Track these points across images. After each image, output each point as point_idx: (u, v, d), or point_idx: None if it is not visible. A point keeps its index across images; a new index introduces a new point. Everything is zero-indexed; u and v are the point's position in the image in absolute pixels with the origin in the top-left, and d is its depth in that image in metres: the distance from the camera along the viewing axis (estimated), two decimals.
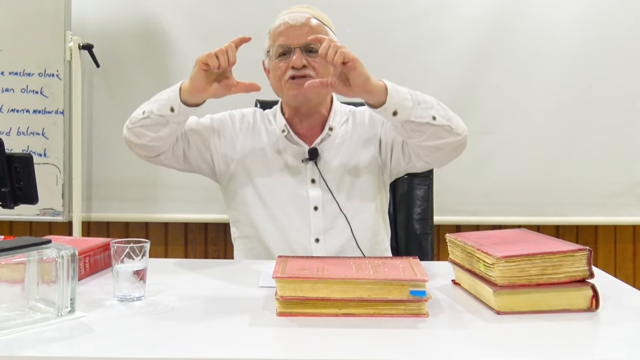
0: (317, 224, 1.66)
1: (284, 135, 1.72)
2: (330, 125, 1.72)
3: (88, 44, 2.54)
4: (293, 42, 1.64)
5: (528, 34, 2.71)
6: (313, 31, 1.63)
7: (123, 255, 1.17)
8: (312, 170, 1.69)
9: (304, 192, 1.68)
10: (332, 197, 1.66)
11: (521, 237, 1.26)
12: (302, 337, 1.01)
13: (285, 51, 1.65)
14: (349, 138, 1.73)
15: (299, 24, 1.65)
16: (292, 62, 1.63)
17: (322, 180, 1.68)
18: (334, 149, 1.71)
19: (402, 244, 2.00)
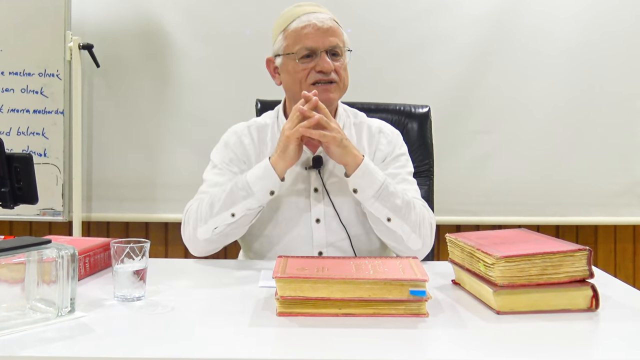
0: (319, 237, 1.62)
1: None
2: None
3: (88, 44, 2.54)
4: (320, 45, 1.59)
5: (529, 33, 2.71)
6: (336, 34, 1.62)
7: (123, 255, 1.17)
8: (316, 179, 1.65)
9: (306, 202, 1.63)
10: (333, 209, 1.62)
11: (521, 237, 1.26)
12: (302, 337, 1.01)
13: (310, 53, 1.60)
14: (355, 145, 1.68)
15: (326, 26, 1.60)
16: (319, 66, 1.59)
17: (325, 191, 1.63)
18: None
19: None
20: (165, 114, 2.73)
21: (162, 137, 2.74)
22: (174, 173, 2.74)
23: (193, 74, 2.71)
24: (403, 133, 1.80)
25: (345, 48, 1.65)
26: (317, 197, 1.64)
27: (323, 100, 1.59)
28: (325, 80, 1.60)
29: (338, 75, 1.62)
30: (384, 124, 1.77)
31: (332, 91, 1.61)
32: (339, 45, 1.62)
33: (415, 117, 2.04)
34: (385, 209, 1.52)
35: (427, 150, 2.01)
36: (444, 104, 2.67)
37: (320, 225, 1.62)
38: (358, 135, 1.72)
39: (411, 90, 2.66)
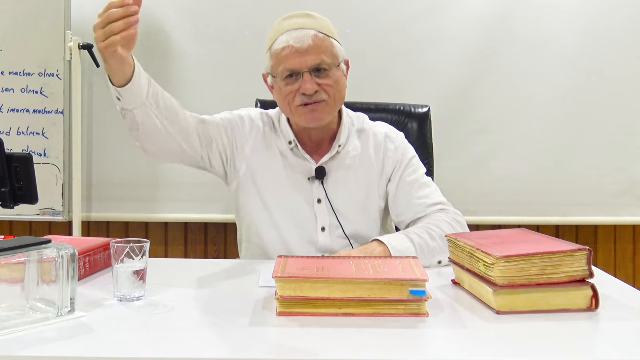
0: (325, 244, 1.62)
1: (290, 148, 1.66)
2: (339, 143, 1.65)
3: (88, 44, 2.54)
4: (301, 67, 1.54)
5: (529, 33, 2.71)
6: (319, 50, 1.54)
7: (123, 255, 1.17)
8: (319, 189, 1.64)
9: (310, 212, 1.63)
10: (337, 220, 1.62)
11: (521, 237, 1.26)
12: (302, 337, 1.01)
13: (292, 74, 1.56)
14: (359, 157, 1.67)
15: (305, 46, 1.53)
16: (302, 89, 1.54)
17: (328, 202, 1.63)
18: (343, 168, 1.65)
19: None
20: None
21: None
22: (173, 173, 2.74)
23: (193, 74, 2.71)
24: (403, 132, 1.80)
25: (334, 62, 1.58)
26: (321, 207, 1.64)
27: (311, 121, 1.58)
28: (311, 102, 1.56)
29: (327, 93, 1.57)
30: (388, 128, 1.75)
31: (319, 111, 1.57)
32: (323, 62, 1.55)
33: (416, 117, 2.04)
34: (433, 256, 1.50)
35: (427, 151, 2.01)
36: (444, 104, 2.67)
37: (325, 234, 1.63)
38: (364, 145, 1.69)
39: (411, 90, 2.66)
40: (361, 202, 1.65)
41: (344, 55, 1.63)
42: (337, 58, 1.59)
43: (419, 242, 1.49)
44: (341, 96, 1.62)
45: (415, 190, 1.65)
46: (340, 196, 1.64)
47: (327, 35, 1.59)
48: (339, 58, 1.60)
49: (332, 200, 1.63)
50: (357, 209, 1.65)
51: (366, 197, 1.66)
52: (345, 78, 1.65)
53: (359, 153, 1.68)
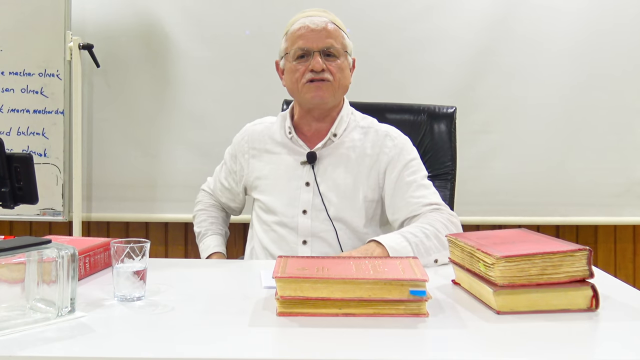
0: (305, 226, 1.68)
1: (289, 137, 1.75)
2: (333, 132, 1.73)
3: (88, 44, 2.54)
4: (312, 46, 1.66)
5: (529, 33, 2.71)
6: (331, 35, 1.68)
7: (123, 255, 1.17)
8: (308, 173, 1.71)
9: (296, 194, 1.70)
10: (322, 202, 1.68)
11: (521, 237, 1.26)
12: (302, 337, 1.01)
13: (304, 54, 1.68)
14: (354, 149, 1.73)
15: (319, 28, 1.67)
16: (311, 65, 1.66)
17: (315, 185, 1.69)
18: (336, 156, 1.72)
19: None
20: (165, 114, 2.73)
21: (162, 137, 2.74)
22: (174, 173, 2.74)
23: (193, 74, 2.71)
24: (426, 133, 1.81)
25: (343, 50, 1.70)
26: (307, 190, 1.71)
27: (315, 97, 1.68)
28: (317, 79, 1.66)
29: (332, 75, 1.67)
30: (392, 129, 1.80)
31: (323, 89, 1.67)
32: (333, 46, 1.68)
33: (441, 118, 2.03)
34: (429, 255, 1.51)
35: (450, 154, 2.00)
36: (444, 103, 2.66)
37: (306, 216, 1.69)
38: (363, 139, 1.75)
39: (411, 90, 2.66)
40: (348, 189, 1.70)
41: (352, 50, 1.75)
42: (346, 47, 1.72)
43: (415, 241, 1.50)
44: (345, 83, 1.72)
45: (412, 190, 1.69)
46: (328, 180, 1.70)
47: (339, 27, 1.73)
48: (348, 48, 1.72)
49: (319, 183, 1.70)
50: (342, 194, 1.70)
51: (353, 186, 1.71)
52: (351, 73, 1.75)
53: (356, 145, 1.74)
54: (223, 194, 1.90)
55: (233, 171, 1.84)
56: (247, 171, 1.79)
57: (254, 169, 1.78)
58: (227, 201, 1.91)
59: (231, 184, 1.86)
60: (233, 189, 1.86)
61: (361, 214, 1.70)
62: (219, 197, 1.92)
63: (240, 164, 1.81)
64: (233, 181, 1.85)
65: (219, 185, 1.90)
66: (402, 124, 1.88)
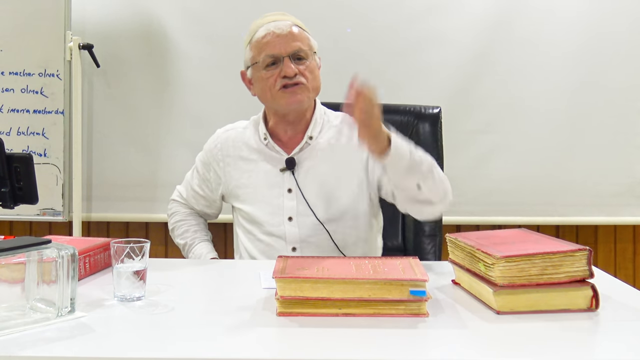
0: (292, 234, 1.67)
1: (265, 144, 1.73)
2: (309, 134, 1.71)
3: (88, 44, 2.54)
4: (281, 51, 1.65)
5: (529, 33, 2.71)
6: (297, 38, 1.66)
7: (123, 255, 1.17)
8: (289, 179, 1.69)
9: (279, 202, 1.69)
10: (307, 207, 1.66)
11: (521, 237, 1.26)
12: (302, 337, 1.01)
13: (274, 61, 1.66)
14: (332, 148, 1.71)
15: (285, 32, 1.66)
16: (283, 72, 1.64)
17: (299, 190, 1.68)
18: (315, 158, 1.70)
19: (409, 245, 2.00)
20: (165, 114, 2.73)
21: (162, 137, 2.74)
22: (173, 173, 2.72)
23: (193, 75, 2.71)
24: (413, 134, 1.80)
25: (311, 51, 1.69)
26: (291, 197, 1.69)
27: (292, 103, 1.66)
28: (291, 84, 1.65)
29: (305, 78, 1.66)
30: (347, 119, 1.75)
31: (299, 92, 1.66)
32: (301, 49, 1.67)
33: (426, 118, 2.03)
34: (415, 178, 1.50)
35: (437, 153, 1.99)
36: (444, 104, 2.63)
37: (292, 223, 1.67)
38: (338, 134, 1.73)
39: (410, 91, 2.65)
40: (333, 189, 1.69)
41: (317, 48, 1.73)
42: (312, 48, 1.71)
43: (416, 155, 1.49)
44: (317, 84, 1.71)
45: None
46: (311, 184, 1.69)
47: (303, 29, 1.72)
48: (314, 48, 1.72)
49: (303, 188, 1.68)
50: (328, 195, 1.69)
51: (338, 184, 1.69)
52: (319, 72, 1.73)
53: (332, 144, 1.72)
54: (198, 202, 1.87)
55: (207, 179, 1.81)
56: (224, 180, 1.77)
57: (231, 177, 1.76)
58: (202, 208, 1.88)
59: (206, 192, 1.83)
60: (209, 197, 1.83)
61: (352, 208, 1.68)
62: (193, 205, 1.89)
63: (215, 173, 1.78)
64: (208, 189, 1.82)
65: (192, 193, 1.87)
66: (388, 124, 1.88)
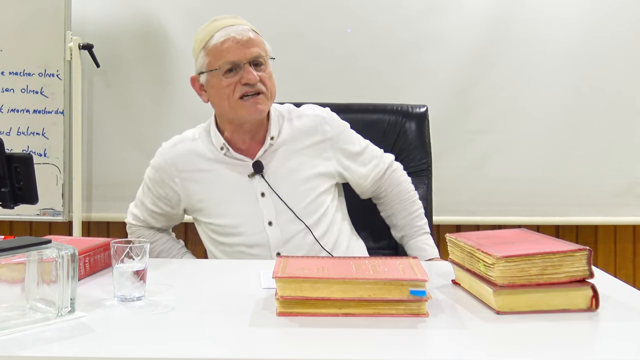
0: (275, 238, 1.63)
1: (222, 153, 1.67)
2: (271, 134, 1.67)
3: (88, 44, 2.54)
4: (242, 58, 1.60)
5: (527, 33, 2.71)
6: (256, 44, 1.62)
7: (123, 255, 1.17)
8: (260, 183, 1.65)
9: (255, 208, 1.64)
10: (285, 207, 1.63)
11: (521, 237, 1.26)
12: (302, 337, 1.01)
13: (233, 67, 1.60)
14: (291, 143, 1.69)
15: (244, 38, 1.61)
16: (244, 79, 1.59)
17: (273, 192, 1.64)
18: (278, 158, 1.67)
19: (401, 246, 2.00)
20: (165, 114, 2.73)
21: (162, 137, 2.70)
22: None
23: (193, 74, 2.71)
24: (400, 133, 1.81)
25: (267, 57, 1.65)
26: (266, 200, 1.65)
27: (253, 113, 1.61)
28: (252, 92, 1.61)
29: (264, 85, 1.62)
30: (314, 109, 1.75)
31: (260, 102, 1.62)
32: (261, 55, 1.63)
33: (413, 117, 2.04)
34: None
35: (425, 150, 2.01)
36: (443, 104, 2.67)
37: (273, 227, 1.64)
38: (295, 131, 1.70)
39: (409, 91, 2.66)
40: (304, 183, 1.66)
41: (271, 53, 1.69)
42: (268, 53, 1.67)
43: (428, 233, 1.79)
44: (274, 90, 1.68)
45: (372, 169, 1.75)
46: (284, 183, 1.65)
47: (258, 33, 1.68)
48: (269, 54, 1.68)
49: (276, 189, 1.64)
50: (301, 191, 1.66)
51: (309, 178, 1.67)
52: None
53: (292, 139, 1.69)
54: (158, 220, 1.77)
55: (163, 197, 1.72)
56: (183, 196, 1.69)
57: (191, 192, 1.68)
58: (164, 224, 1.80)
59: (165, 209, 1.74)
60: (169, 213, 1.75)
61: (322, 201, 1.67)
62: (153, 224, 1.78)
63: (172, 189, 1.70)
64: (167, 206, 1.73)
65: (148, 212, 1.76)
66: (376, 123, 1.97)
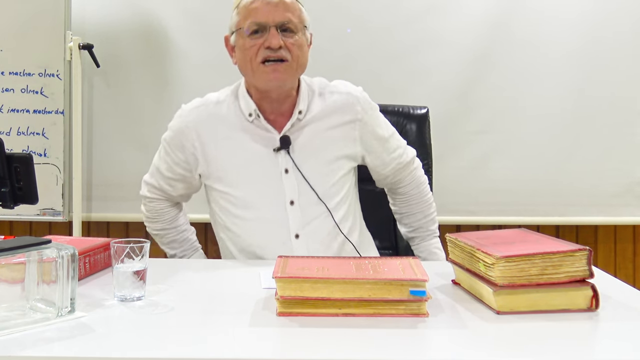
0: (295, 219, 1.57)
1: (251, 120, 1.60)
2: (299, 108, 1.60)
3: (88, 44, 2.54)
4: (268, 20, 1.51)
5: (527, 34, 2.71)
6: (289, 9, 1.53)
7: (123, 255, 1.17)
8: (285, 159, 1.58)
9: (278, 185, 1.58)
10: (309, 186, 1.57)
11: (521, 237, 1.26)
12: (302, 337, 1.01)
13: (259, 29, 1.52)
14: (320, 120, 1.62)
15: (275, 1, 1.52)
16: (267, 42, 1.51)
17: (297, 170, 1.58)
18: (305, 134, 1.60)
19: (402, 244, 2.00)
20: (165, 114, 2.71)
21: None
22: None
23: (193, 75, 2.71)
24: (401, 134, 1.80)
25: (301, 25, 1.56)
26: (289, 177, 1.58)
27: (271, 80, 1.53)
28: (274, 58, 1.52)
29: (290, 53, 1.53)
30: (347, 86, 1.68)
31: (281, 71, 1.53)
32: (291, 21, 1.53)
33: (414, 118, 2.04)
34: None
35: (425, 151, 2.01)
36: (443, 104, 2.67)
37: (294, 207, 1.58)
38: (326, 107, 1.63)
39: (410, 92, 2.65)
40: (329, 164, 1.62)
41: (309, 24, 1.61)
42: (303, 22, 1.58)
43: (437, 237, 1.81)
44: (304, 61, 1.58)
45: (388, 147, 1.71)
46: (309, 162, 1.59)
47: (299, 1, 1.58)
48: (306, 22, 1.59)
49: (301, 167, 1.58)
50: (325, 172, 1.61)
51: (334, 159, 1.63)
52: (308, 49, 1.62)
53: (322, 116, 1.62)
54: (175, 188, 1.70)
55: (182, 160, 1.65)
56: (202, 161, 1.62)
57: (211, 158, 1.61)
58: (180, 192, 1.71)
59: (181, 173, 1.66)
60: (187, 178, 1.67)
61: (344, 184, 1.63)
62: (170, 192, 1.72)
63: (191, 154, 1.63)
64: (183, 170, 1.66)
65: (165, 180, 1.70)
66: None
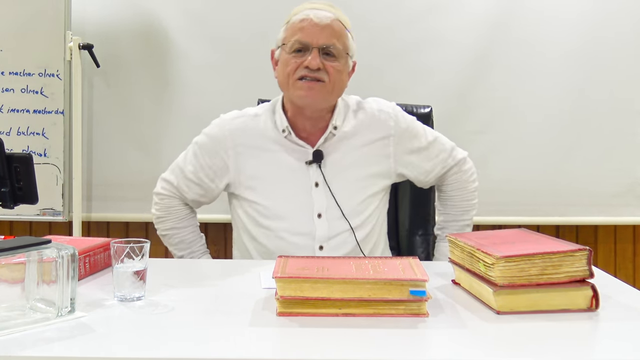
0: (321, 231, 1.61)
1: (284, 135, 1.65)
2: (334, 124, 1.64)
3: (88, 44, 2.54)
4: (312, 41, 1.56)
5: (528, 34, 2.71)
6: (334, 34, 1.58)
7: (123, 255, 1.17)
8: (316, 172, 1.63)
9: (307, 197, 1.62)
10: (335, 203, 1.61)
11: (521, 237, 1.26)
12: (302, 337, 1.01)
13: (301, 48, 1.57)
14: (353, 136, 1.66)
15: (322, 23, 1.57)
16: (307, 62, 1.56)
17: (326, 185, 1.62)
18: (338, 150, 1.65)
19: (403, 244, 2.00)
20: (165, 114, 2.73)
21: (162, 137, 2.74)
22: None
23: (193, 75, 2.71)
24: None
25: (344, 52, 1.60)
26: (318, 191, 1.62)
27: (305, 96, 1.57)
28: (311, 77, 1.56)
29: (328, 75, 1.57)
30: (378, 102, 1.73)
31: (316, 89, 1.57)
32: (335, 46, 1.58)
33: (417, 118, 2.04)
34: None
35: None
36: (444, 104, 2.67)
37: (322, 220, 1.61)
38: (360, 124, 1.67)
39: (410, 91, 2.65)
40: (358, 181, 1.65)
41: (354, 52, 1.65)
42: (348, 49, 1.62)
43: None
44: (341, 85, 1.62)
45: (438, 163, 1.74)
46: (339, 178, 1.63)
47: (345, 26, 1.62)
48: (350, 50, 1.63)
49: (330, 182, 1.62)
50: (354, 189, 1.64)
51: (365, 177, 1.66)
52: (349, 77, 1.66)
53: (354, 133, 1.66)
54: (191, 190, 1.72)
55: (208, 166, 1.69)
56: (234, 169, 1.66)
57: (245, 167, 1.65)
58: (195, 197, 1.73)
59: (204, 180, 1.70)
60: (205, 185, 1.70)
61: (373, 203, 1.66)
62: (185, 194, 1.74)
63: (222, 161, 1.67)
64: (207, 177, 1.69)
65: (184, 181, 1.72)
66: None
